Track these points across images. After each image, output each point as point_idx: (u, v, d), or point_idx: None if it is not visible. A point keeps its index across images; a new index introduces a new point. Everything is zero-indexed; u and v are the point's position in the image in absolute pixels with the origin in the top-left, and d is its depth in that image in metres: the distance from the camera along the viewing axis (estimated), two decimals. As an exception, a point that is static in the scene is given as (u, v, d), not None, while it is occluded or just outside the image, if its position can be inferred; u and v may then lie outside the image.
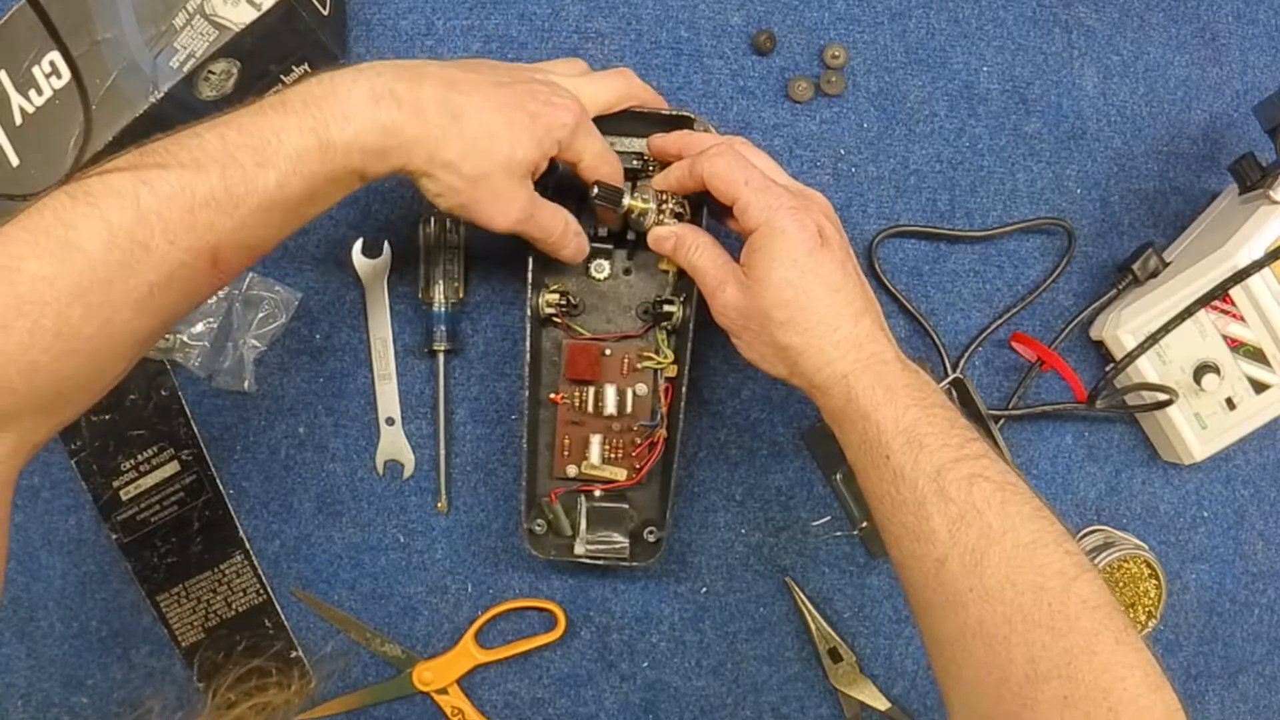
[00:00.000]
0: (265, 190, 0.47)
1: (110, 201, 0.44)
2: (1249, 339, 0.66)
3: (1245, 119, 0.73)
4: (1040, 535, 0.47)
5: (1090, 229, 0.73)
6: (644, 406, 0.67)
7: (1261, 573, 0.74)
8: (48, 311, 0.43)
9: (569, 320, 0.67)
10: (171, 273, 0.45)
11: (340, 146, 0.48)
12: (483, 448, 0.71)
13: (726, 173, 0.55)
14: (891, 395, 0.51)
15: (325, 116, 0.48)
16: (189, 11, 0.60)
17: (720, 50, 0.71)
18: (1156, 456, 0.73)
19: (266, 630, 0.70)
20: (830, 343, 0.53)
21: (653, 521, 0.66)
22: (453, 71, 0.52)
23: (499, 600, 0.71)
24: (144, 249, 0.44)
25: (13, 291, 0.43)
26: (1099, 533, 0.72)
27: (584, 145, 0.56)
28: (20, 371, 0.43)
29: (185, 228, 0.45)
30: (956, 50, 0.72)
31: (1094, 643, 0.44)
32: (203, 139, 0.46)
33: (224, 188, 0.46)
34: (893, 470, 0.50)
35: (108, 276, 0.44)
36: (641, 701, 0.72)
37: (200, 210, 0.45)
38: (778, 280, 0.53)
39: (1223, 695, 0.74)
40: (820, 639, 0.71)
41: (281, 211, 0.48)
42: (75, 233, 0.43)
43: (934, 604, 0.49)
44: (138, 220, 0.44)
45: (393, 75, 0.50)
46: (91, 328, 0.44)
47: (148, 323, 0.47)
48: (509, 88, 0.53)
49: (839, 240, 0.55)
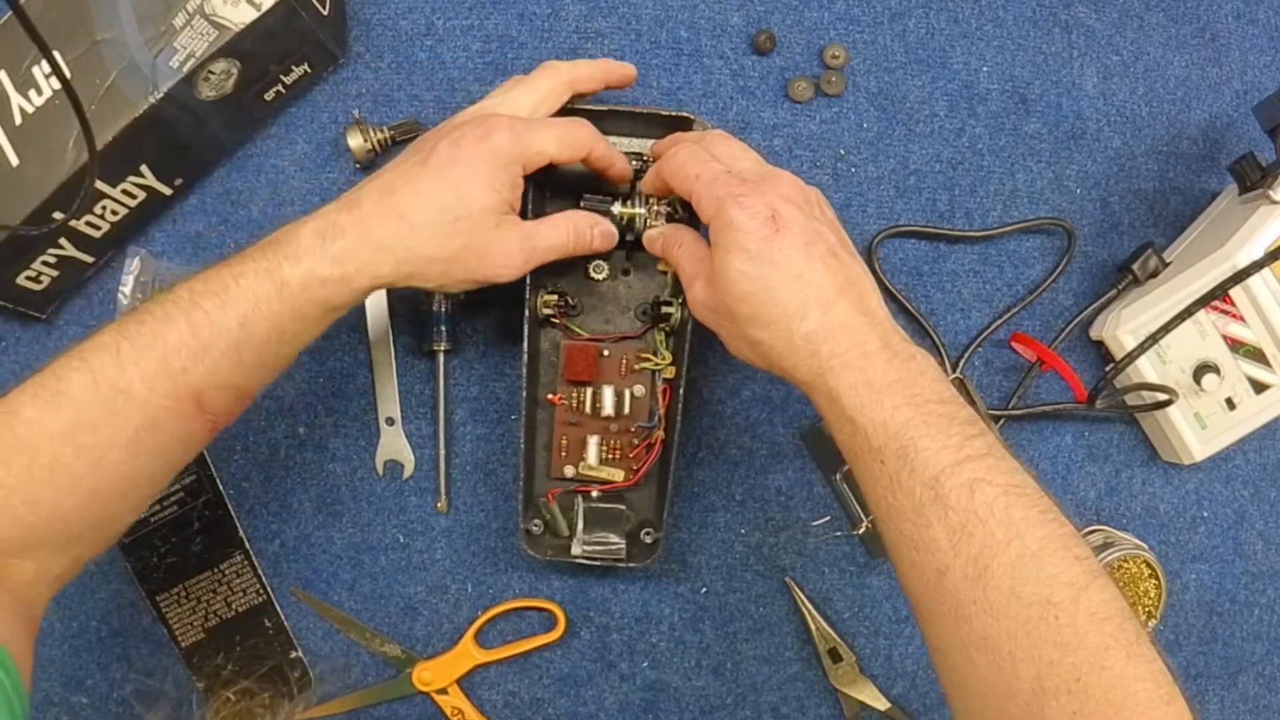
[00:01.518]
0: (229, 332, 0.50)
1: (96, 355, 0.49)
2: (1249, 339, 0.66)
3: (1245, 119, 0.73)
4: (1047, 542, 0.45)
5: (1090, 229, 0.73)
6: (642, 407, 0.67)
7: (1261, 573, 0.74)
8: (42, 450, 0.48)
9: (567, 321, 0.67)
10: (156, 416, 0.50)
11: (295, 284, 0.51)
12: (482, 448, 0.71)
13: (680, 169, 0.54)
14: (877, 395, 0.48)
15: (278, 258, 0.51)
16: (189, 11, 0.60)
17: (720, 50, 0.71)
18: (1156, 456, 0.73)
19: (266, 630, 0.70)
20: (798, 335, 0.49)
21: (650, 523, 0.66)
22: (386, 176, 0.54)
23: (499, 600, 0.71)
24: (126, 395, 0.49)
25: (12, 433, 0.48)
26: (1099, 533, 0.72)
27: (542, 145, 0.55)
28: (23, 503, 0.48)
29: (162, 374, 0.50)
30: (956, 50, 0.72)
31: (1103, 658, 0.43)
32: (174, 293, 0.51)
33: (191, 333, 0.50)
34: (888, 476, 0.47)
35: (95, 420, 0.49)
36: (641, 701, 0.72)
37: (172, 356, 0.50)
38: (734, 274, 0.50)
39: (1223, 695, 0.74)
40: (820, 639, 0.71)
41: (251, 351, 0.51)
42: (65, 383, 0.49)
43: (936, 614, 0.47)
44: (119, 370, 0.49)
45: (334, 209, 0.53)
46: (84, 466, 0.49)
47: (144, 464, 0.51)
48: (434, 153, 0.54)
49: (802, 223, 0.51)
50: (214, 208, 0.69)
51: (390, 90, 0.69)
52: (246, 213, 0.69)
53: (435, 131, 0.57)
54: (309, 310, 0.52)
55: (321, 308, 0.53)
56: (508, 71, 0.70)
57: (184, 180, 0.67)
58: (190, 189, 0.69)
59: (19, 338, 0.69)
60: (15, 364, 0.69)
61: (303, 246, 0.51)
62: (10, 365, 0.69)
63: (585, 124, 0.58)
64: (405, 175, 0.54)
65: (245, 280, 0.51)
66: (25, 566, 0.50)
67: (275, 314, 0.51)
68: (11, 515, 0.48)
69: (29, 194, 0.61)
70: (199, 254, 0.69)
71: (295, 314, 0.52)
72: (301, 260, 0.51)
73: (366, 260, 0.52)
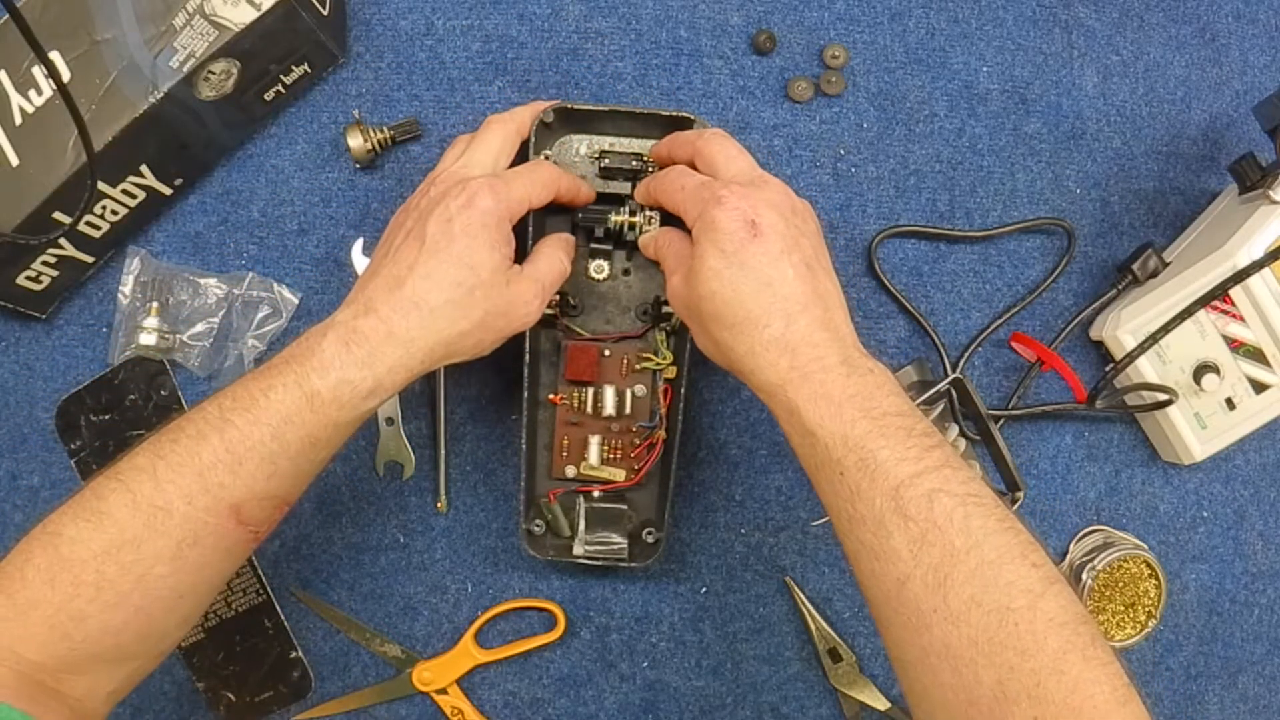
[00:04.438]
0: (263, 444, 0.51)
1: (133, 476, 0.50)
2: (1249, 339, 0.66)
3: (1245, 119, 0.73)
4: (1005, 550, 0.46)
5: (1090, 229, 0.73)
6: (643, 407, 0.67)
7: (1261, 573, 0.74)
8: (86, 568, 0.49)
9: (568, 321, 0.67)
10: (196, 530, 0.50)
11: (327, 394, 0.51)
12: (482, 448, 0.71)
13: (667, 186, 0.56)
14: (836, 408, 0.49)
15: (306, 370, 0.51)
16: (189, 11, 0.60)
17: (720, 50, 0.71)
18: (1156, 456, 0.73)
19: (266, 630, 0.70)
20: (760, 342, 0.50)
21: (651, 522, 0.66)
22: (386, 269, 0.54)
23: (499, 600, 0.71)
24: (165, 512, 0.50)
25: (56, 553, 0.49)
26: (1099, 533, 0.72)
27: (522, 195, 0.56)
28: (71, 620, 0.49)
29: (199, 490, 0.50)
30: (956, 50, 0.72)
31: (1062, 662, 0.44)
32: (204, 410, 0.52)
33: (225, 449, 0.50)
34: (848, 488, 0.48)
35: (136, 537, 0.49)
36: (641, 701, 0.72)
37: (209, 473, 0.50)
38: (706, 271, 0.52)
39: (1223, 695, 0.74)
40: (820, 639, 0.71)
41: (287, 461, 0.52)
42: (105, 502, 0.50)
43: (896, 623, 0.48)
44: (156, 488, 0.50)
45: (349, 315, 0.53)
46: (128, 582, 0.49)
47: (188, 578, 0.51)
48: (427, 234, 0.53)
49: (781, 231, 0.52)
50: (214, 208, 0.69)
51: (390, 90, 0.69)
52: (246, 213, 0.69)
53: (412, 209, 0.56)
54: (342, 417, 0.52)
55: (354, 413, 0.53)
56: (508, 71, 0.70)
57: (184, 180, 0.67)
58: (190, 189, 0.69)
59: (19, 338, 0.69)
60: (15, 364, 0.69)
61: (329, 356, 0.52)
62: (10, 365, 0.69)
63: (546, 163, 0.61)
64: (406, 263, 0.53)
65: (275, 394, 0.51)
66: (78, 683, 0.50)
67: (308, 424, 0.51)
68: (61, 632, 0.49)
69: (29, 194, 0.61)
70: (199, 254, 0.69)
71: (328, 422, 0.52)
72: (330, 370, 0.51)
73: (397, 358, 0.53)
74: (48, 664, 0.49)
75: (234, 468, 0.50)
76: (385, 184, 0.70)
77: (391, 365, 0.52)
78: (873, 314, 0.72)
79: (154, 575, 0.50)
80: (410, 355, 0.53)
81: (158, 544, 0.50)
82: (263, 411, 0.51)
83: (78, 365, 0.69)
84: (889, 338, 0.72)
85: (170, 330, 0.68)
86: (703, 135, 0.58)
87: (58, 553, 0.49)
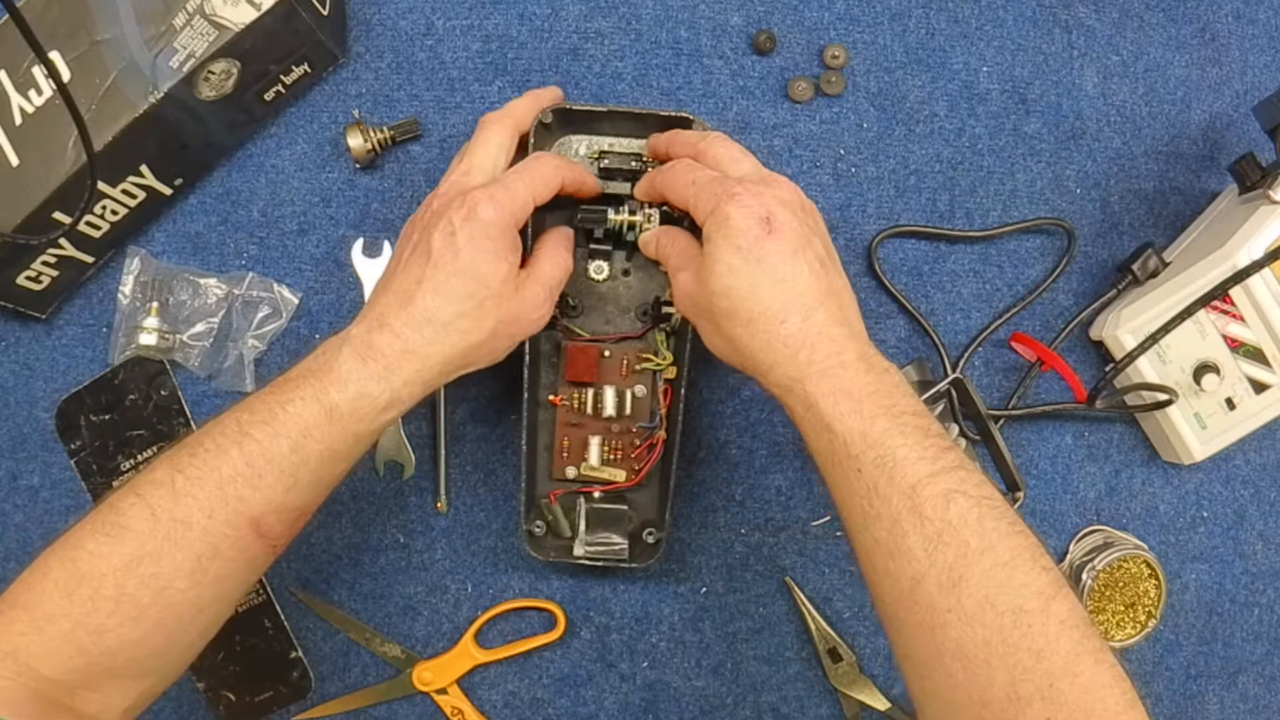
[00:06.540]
0: (282, 457, 0.51)
1: (152, 490, 0.50)
2: (1249, 339, 0.66)
3: (1245, 119, 0.73)
4: (1018, 553, 0.46)
5: (1090, 229, 0.73)
6: (643, 408, 0.67)
7: (1261, 573, 0.74)
8: (105, 582, 0.49)
9: (568, 321, 0.67)
10: (216, 544, 0.50)
11: (345, 407, 0.51)
12: (482, 448, 0.71)
13: (676, 181, 0.55)
14: (856, 404, 0.49)
15: (324, 384, 0.52)
16: (189, 11, 0.60)
17: (720, 50, 0.71)
18: (1156, 456, 0.73)
19: (266, 630, 0.70)
20: (777, 338, 0.50)
21: (652, 523, 0.66)
22: (395, 284, 0.54)
23: (499, 600, 0.71)
24: (185, 525, 0.50)
25: (75, 567, 0.49)
26: (1099, 533, 0.72)
27: (524, 197, 0.55)
28: (88, 634, 0.49)
29: (219, 503, 0.50)
30: (956, 50, 0.72)
31: (1076, 664, 0.44)
32: (222, 424, 0.52)
33: (245, 462, 0.50)
34: (865, 485, 0.48)
35: (156, 550, 0.49)
36: (641, 701, 0.72)
37: (228, 486, 0.50)
38: (720, 267, 0.51)
39: (1223, 695, 0.74)
40: (820, 639, 0.71)
41: (307, 473, 0.52)
42: (124, 517, 0.50)
43: (909, 622, 0.48)
44: (175, 502, 0.50)
45: (362, 330, 0.53)
46: (148, 596, 0.49)
47: (208, 591, 0.51)
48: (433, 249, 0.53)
49: (795, 228, 0.52)
50: (214, 208, 0.69)
51: (390, 90, 0.69)
52: (246, 213, 0.69)
53: (417, 223, 0.56)
54: (360, 429, 0.52)
55: (372, 425, 0.53)
56: (507, 71, 0.70)
57: (184, 180, 0.67)
58: (190, 189, 0.69)
59: (19, 338, 0.69)
60: (15, 364, 0.69)
61: (346, 370, 0.52)
62: (10, 365, 0.69)
63: (546, 156, 0.59)
64: (414, 278, 0.53)
65: (294, 407, 0.51)
66: (92, 699, 0.50)
67: (327, 437, 0.51)
68: (77, 646, 0.48)
69: (29, 194, 0.61)
70: (199, 254, 0.69)
71: (347, 434, 0.52)
72: (348, 384, 0.52)
73: (413, 371, 0.53)
74: (63, 680, 0.49)
75: (254, 481, 0.50)
76: (385, 184, 0.70)
77: (408, 379, 0.53)
78: (873, 314, 0.72)
79: (174, 589, 0.50)
80: (426, 368, 0.53)
81: (177, 557, 0.49)
82: (282, 425, 0.51)
83: (78, 365, 0.69)
84: (889, 338, 0.72)
85: (170, 330, 0.68)
86: (705, 138, 0.58)
87: (76, 567, 0.49)
